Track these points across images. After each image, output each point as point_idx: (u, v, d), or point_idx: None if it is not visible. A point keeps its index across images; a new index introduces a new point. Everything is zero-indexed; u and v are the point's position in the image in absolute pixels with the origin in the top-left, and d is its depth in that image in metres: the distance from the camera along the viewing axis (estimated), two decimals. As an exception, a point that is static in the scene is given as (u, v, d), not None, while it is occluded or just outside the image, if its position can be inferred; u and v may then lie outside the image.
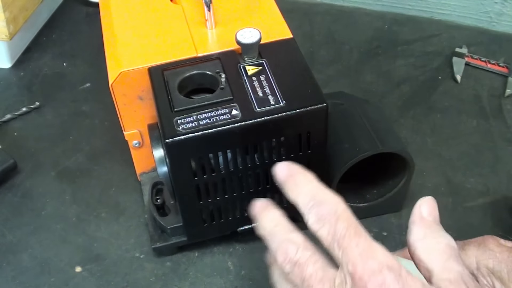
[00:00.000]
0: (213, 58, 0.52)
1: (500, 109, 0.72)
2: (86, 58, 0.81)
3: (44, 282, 0.56)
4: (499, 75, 0.76)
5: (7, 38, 0.75)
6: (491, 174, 0.64)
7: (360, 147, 0.53)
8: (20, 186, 0.65)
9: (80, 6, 0.90)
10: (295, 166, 0.40)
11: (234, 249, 0.58)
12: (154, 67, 0.52)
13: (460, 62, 0.77)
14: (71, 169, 0.66)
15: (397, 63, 0.79)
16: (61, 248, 0.59)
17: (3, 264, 0.57)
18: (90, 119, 0.72)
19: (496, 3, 0.84)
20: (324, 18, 0.87)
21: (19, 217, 0.62)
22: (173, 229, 0.55)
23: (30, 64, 0.80)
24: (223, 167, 0.49)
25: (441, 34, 0.83)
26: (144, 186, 0.62)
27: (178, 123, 0.47)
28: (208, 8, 0.54)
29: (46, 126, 0.72)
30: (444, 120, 0.71)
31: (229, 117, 0.47)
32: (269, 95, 0.48)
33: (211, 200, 0.51)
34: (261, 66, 0.51)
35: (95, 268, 0.57)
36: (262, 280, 0.55)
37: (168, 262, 0.57)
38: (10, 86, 0.77)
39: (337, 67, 0.78)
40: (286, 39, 0.54)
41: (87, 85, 0.77)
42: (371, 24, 0.86)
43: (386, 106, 0.72)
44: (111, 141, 0.69)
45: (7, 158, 0.64)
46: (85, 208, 0.62)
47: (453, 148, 0.67)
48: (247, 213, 0.54)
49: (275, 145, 0.49)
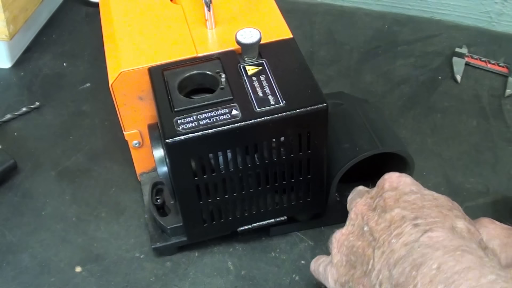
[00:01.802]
0: (213, 58, 0.52)
1: (500, 109, 0.72)
2: (86, 58, 0.81)
3: (44, 282, 0.56)
4: (499, 75, 0.76)
5: (7, 38, 0.75)
6: (491, 174, 0.64)
7: (360, 147, 0.53)
8: (20, 186, 0.65)
9: (80, 6, 0.90)
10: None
11: (234, 249, 0.58)
12: (154, 67, 0.52)
13: (460, 62, 0.77)
14: (71, 169, 0.66)
15: (397, 63, 0.79)
16: (61, 248, 0.59)
17: (3, 264, 0.57)
18: (90, 119, 0.72)
19: (496, 3, 0.84)
20: (324, 18, 0.87)
21: (19, 217, 0.62)
22: (173, 229, 0.55)
23: (30, 64, 0.80)
24: (223, 167, 0.49)
25: (441, 34, 0.83)
26: (144, 186, 0.62)
27: (178, 123, 0.47)
28: (208, 8, 0.54)
29: (46, 126, 0.72)
30: (444, 120, 0.71)
31: (229, 117, 0.47)
32: (269, 95, 0.48)
33: (211, 200, 0.51)
34: (261, 66, 0.51)
35: (95, 268, 0.57)
36: (262, 280, 0.55)
37: (168, 262, 0.57)
38: (10, 86, 0.77)
39: (337, 67, 0.78)
40: (286, 39, 0.54)
41: (87, 85, 0.77)
42: (371, 24, 0.86)
43: (386, 106, 0.72)
44: (111, 141, 0.69)
45: (7, 158, 0.64)
46: (85, 208, 0.62)
47: (453, 148, 0.67)
48: (247, 213, 0.54)
49: (275, 145, 0.49)
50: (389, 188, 0.43)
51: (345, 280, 0.43)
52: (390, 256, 0.38)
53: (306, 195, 0.54)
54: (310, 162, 0.51)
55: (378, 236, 0.40)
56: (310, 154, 0.50)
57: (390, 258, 0.38)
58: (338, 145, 0.54)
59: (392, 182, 0.44)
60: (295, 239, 0.58)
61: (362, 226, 0.43)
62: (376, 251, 0.39)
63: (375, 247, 0.40)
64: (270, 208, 0.54)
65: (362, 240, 0.42)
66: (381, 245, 0.39)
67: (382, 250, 0.39)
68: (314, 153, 0.50)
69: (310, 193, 0.54)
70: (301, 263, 0.56)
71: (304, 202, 0.55)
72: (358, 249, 0.41)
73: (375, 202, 0.43)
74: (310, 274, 0.55)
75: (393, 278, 0.37)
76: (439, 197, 0.42)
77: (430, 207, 0.40)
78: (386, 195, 0.42)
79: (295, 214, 0.57)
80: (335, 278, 0.44)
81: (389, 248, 0.38)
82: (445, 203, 0.41)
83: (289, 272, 0.56)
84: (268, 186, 0.52)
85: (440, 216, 0.39)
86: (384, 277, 0.38)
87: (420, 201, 0.41)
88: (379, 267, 0.38)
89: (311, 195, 0.54)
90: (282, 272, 0.56)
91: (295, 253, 0.57)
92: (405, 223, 0.39)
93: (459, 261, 0.35)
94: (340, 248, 0.44)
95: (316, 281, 0.55)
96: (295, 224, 0.58)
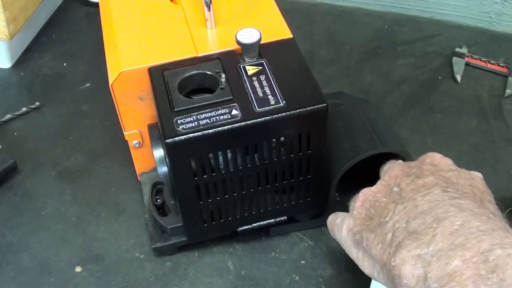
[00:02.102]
0: (213, 58, 0.52)
1: (500, 109, 0.72)
2: (86, 58, 0.81)
3: (44, 282, 0.56)
4: (499, 75, 0.76)
5: (7, 38, 0.75)
6: (491, 174, 0.64)
7: (360, 147, 0.53)
8: (20, 186, 0.65)
9: (80, 6, 0.90)
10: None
11: (234, 249, 0.58)
12: (154, 67, 0.52)
13: (460, 62, 0.77)
14: (71, 169, 0.66)
15: (397, 63, 0.79)
16: (61, 248, 0.59)
17: (3, 264, 0.57)
18: (90, 119, 0.72)
19: (496, 3, 0.84)
20: (324, 18, 0.87)
21: (19, 217, 0.62)
22: (173, 229, 0.55)
23: (30, 64, 0.80)
24: (223, 167, 0.49)
25: (441, 34, 0.83)
26: (144, 186, 0.62)
27: (178, 123, 0.47)
28: (208, 8, 0.54)
29: (46, 126, 0.72)
30: (444, 120, 0.71)
31: (229, 117, 0.47)
32: (269, 95, 0.48)
33: (211, 200, 0.51)
34: (261, 66, 0.51)
35: (95, 268, 0.57)
36: (262, 280, 0.55)
37: (168, 262, 0.57)
38: (10, 86, 0.77)
39: (337, 67, 0.78)
40: (286, 39, 0.54)
41: (87, 85, 0.77)
42: (371, 24, 0.86)
43: (386, 106, 0.72)
44: (111, 141, 0.69)
45: (7, 158, 0.64)
46: (85, 208, 0.62)
47: (453, 148, 0.67)
48: (247, 213, 0.54)
49: (275, 145, 0.49)
50: (429, 163, 0.44)
51: (358, 230, 0.43)
52: (412, 209, 0.38)
53: (306, 195, 0.54)
54: (310, 162, 0.51)
55: (405, 195, 0.40)
56: (310, 154, 0.50)
57: (410, 212, 0.38)
58: (338, 145, 0.54)
59: (434, 159, 0.45)
60: (295, 239, 0.58)
61: (392, 186, 0.43)
62: (398, 205, 0.39)
63: (399, 202, 0.40)
64: (270, 208, 0.54)
65: (388, 197, 0.42)
66: (405, 201, 0.39)
67: (404, 205, 0.39)
68: (314, 153, 0.50)
69: (310, 193, 0.54)
70: (301, 263, 0.56)
71: (304, 202, 0.55)
72: (380, 204, 0.42)
73: (412, 170, 0.44)
74: (310, 274, 0.55)
75: (411, 227, 0.37)
76: (475, 177, 0.43)
77: (464, 185, 0.41)
78: (425, 167, 0.43)
79: (295, 214, 0.57)
80: (350, 227, 0.44)
81: (412, 203, 0.38)
82: (480, 185, 0.42)
83: (289, 272, 0.56)
84: (268, 186, 0.52)
85: (471, 193, 0.39)
86: (400, 226, 0.38)
87: (456, 178, 0.41)
88: (397, 218, 0.38)
89: (311, 195, 0.54)
90: (282, 272, 0.56)
91: (295, 253, 0.57)
92: (435, 187, 0.39)
93: (484, 222, 0.35)
94: (364, 202, 0.44)
95: (316, 280, 0.55)
96: (295, 224, 0.58)
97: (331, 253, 0.57)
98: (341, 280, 0.55)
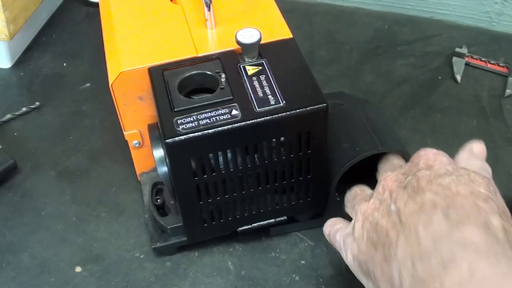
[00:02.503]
0: (213, 58, 0.52)
1: (500, 109, 0.72)
2: (86, 58, 0.81)
3: (44, 282, 0.56)
4: (499, 75, 0.76)
5: (7, 38, 0.75)
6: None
7: (360, 147, 0.53)
8: (20, 186, 0.65)
9: (80, 6, 0.90)
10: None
11: (234, 249, 0.58)
12: (154, 67, 0.52)
13: (460, 62, 0.77)
14: (71, 169, 0.66)
15: (397, 63, 0.79)
16: (61, 248, 0.59)
17: (3, 264, 0.57)
18: (90, 119, 0.72)
19: (496, 3, 0.84)
20: (324, 18, 0.87)
21: (19, 217, 0.62)
22: (173, 229, 0.55)
23: (30, 64, 0.80)
24: (223, 167, 0.49)
25: (441, 34, 0.83)
26: (144, 186, 0.62)
27: (178, 123, 0.47)
28: (208, 8, 0.54)
29: (46, 126, 0.72)
30: (444, 120, 0.71)
31: (229, 117, 0.47)
32: (269, 95, 0.48)
33: (211, 200, 0.51)
34: (261, 66, 0.51)
35: (95, 268, 0.57)
36: (262, 280, 0.55)
37: (168, 262, 0.57)
38: (10, 86, 0.77)
39: (337, 67, 0.78)
40: (286, 39, 0.54)
41: (87, 85, 0.77)
42: (371, 24, 0.86)
43: (386, 106, 0.72)
44: (111, 141, 0.69)
45: (7, 158, 0.64)
46: (85, 208, 0.62)
47: (453, 148, 0.67)
48: (247, 213, 0.54)
49: (275, 145, 0.49)
50: (423, 167, 0.42)
51: (364, 260, 0.41)
52: (415, 247, 0.36)
53: (306, 195, 0.54)
54: (310, 162, 0.51)
55: (405, 220, 0.38)
56: (310, 154, 0.50)
57: (415, 249, 0.36)
58: (338, 145, 0.54)
59: (428, 159, 0.42)
60: (295, 239, 0.58)
61: (389, 204, 0.41)
62: (400, 235, 0.38)
63: (400, 231, 0.38)
64: (270, 208, 0.54)
65: (387, 219, 0.40)
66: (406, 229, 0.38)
67: (406, 237, 0.37)
68: (314, 153, 0.50)
69: (310, 193, 0.54)
70: (301, 263, 0.56)
71: (304, 202, 0.55)
72: (382, 229, 0.40)
73: (407, 180, 0.41)
74: (310, 274, 0.55)
75: (417, 272, 0.35)
76: (475, 179, 0.39)
77: (464, 196, 0.37)
78: (420, 174, 0.40)
79: (295, 214, 0.57)
80: (354, 253, 0.43)
81: (415, 237, 0.37)
82: (482, 190, 0.38)
83: (289, 272, 0.56)
84: (268, 186, 0.52)
85: (474, 208, 0.37)
86: (406, 268, 0.36)
87: (455, 185, 0.38)
88: (402, 256, 0.37)
89: (311, 195, 0.54)
90: (282, 272, 0.56)
91: (295, 253, 0.57)
92: (435, 212, 0.37)
93: (492, 266, 0.33)
94: (364, 222, 0.42)
95: (316, 280, 0.55)
96: (295, 224, 0.58)
97: (331, 253, 0.57)
98: (341, 280, 0.55)
